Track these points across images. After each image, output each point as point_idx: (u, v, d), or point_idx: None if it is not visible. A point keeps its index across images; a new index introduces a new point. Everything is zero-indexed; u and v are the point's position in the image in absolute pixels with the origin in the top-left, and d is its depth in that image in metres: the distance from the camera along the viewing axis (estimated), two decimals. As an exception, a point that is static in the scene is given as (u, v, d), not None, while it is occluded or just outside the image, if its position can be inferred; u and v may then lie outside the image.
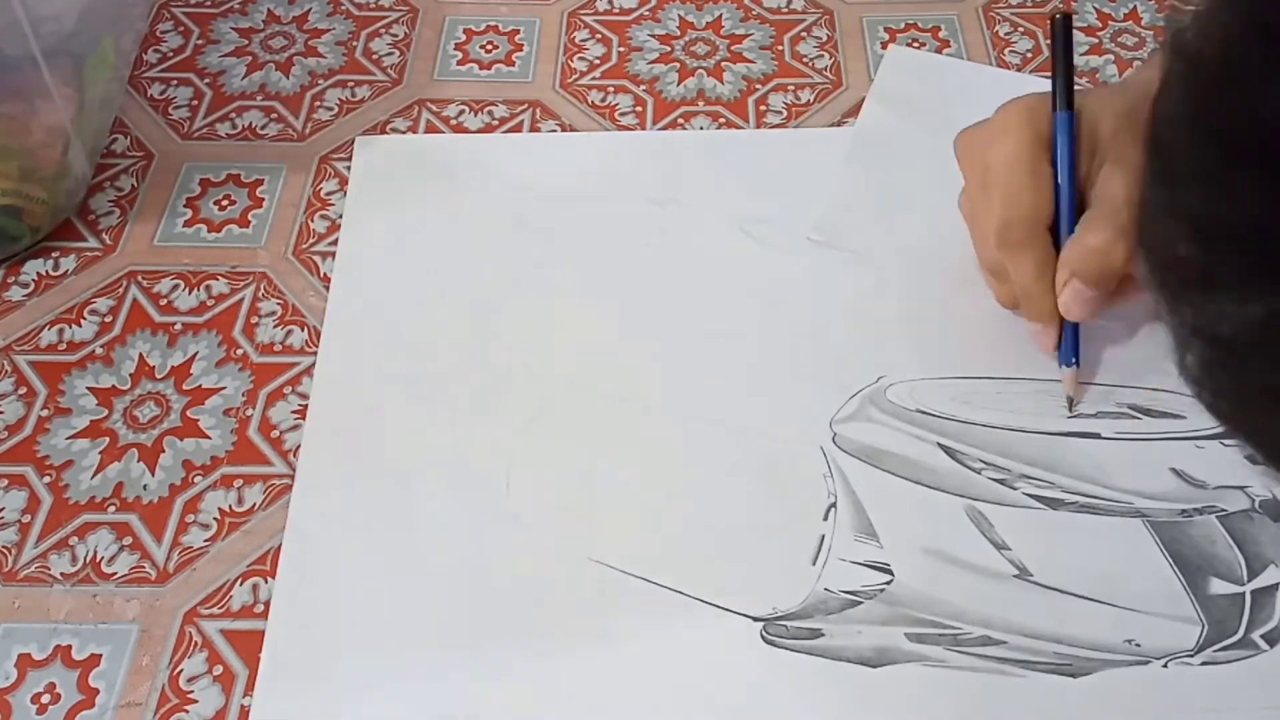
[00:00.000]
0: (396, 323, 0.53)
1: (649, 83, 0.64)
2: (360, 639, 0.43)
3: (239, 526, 0.47)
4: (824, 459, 0.48)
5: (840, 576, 0.45)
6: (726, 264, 0.55)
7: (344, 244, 0.56)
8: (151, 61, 0.66)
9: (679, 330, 0.53)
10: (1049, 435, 0.49)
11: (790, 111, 0.63)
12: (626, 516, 0.47)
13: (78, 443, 0.50)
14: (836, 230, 0.56)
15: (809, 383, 0.50)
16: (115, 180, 0.60)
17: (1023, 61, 0.65)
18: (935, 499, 0.47)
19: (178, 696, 0.43)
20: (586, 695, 0.42)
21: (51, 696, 0.43)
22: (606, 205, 0.58)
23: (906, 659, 0.43)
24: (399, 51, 0.66)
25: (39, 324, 0.54)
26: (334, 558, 0.45)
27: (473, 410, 0.50)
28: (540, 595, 0.44)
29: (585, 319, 0.53)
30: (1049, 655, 0.43)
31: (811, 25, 0.68)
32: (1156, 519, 0.46)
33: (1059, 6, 0.69)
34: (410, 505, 0.47)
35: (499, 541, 0.46)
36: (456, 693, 0.42)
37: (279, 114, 0.63)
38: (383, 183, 0.59)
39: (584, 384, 0.51)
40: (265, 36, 0.67)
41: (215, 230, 0.58)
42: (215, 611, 0.45)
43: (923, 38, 0.67)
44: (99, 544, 0.47)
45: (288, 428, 0.50)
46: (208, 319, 0.54)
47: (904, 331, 0.52)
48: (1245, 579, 0.44)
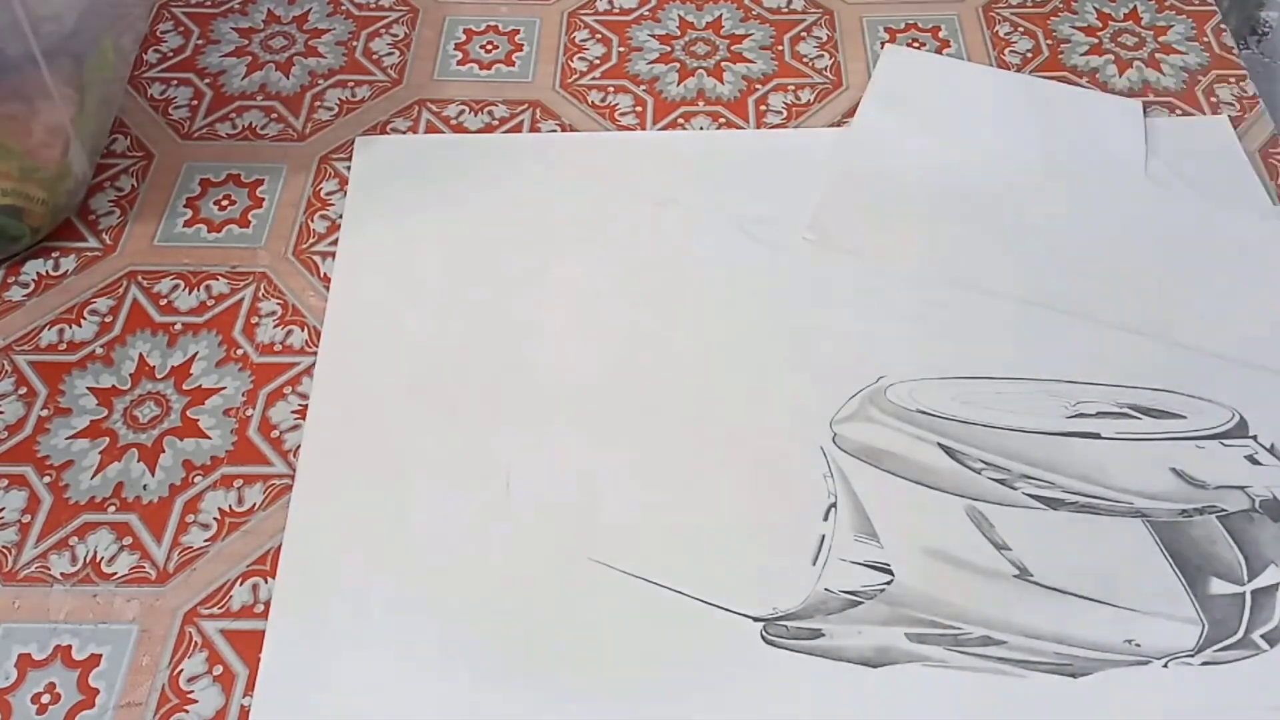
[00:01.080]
0: (396, 323, 0.53)
1: (649, 83, 0.64)
2: (360, 639, 0.43)
3: (239, 526, 0.47)
4: (824, 459, 0.48)
5: (841, 576, 0.45)
6: (726, 264, 0.55)
7: (344, 244, 0.56)
8: (151, 61, 0.66)
9: (679, 330, 0.53)
10: (1049, 435, 0.49)
11: (790, 111, 0.63)
12: (626, 516, 0.47)
13: (78, 443, 0.50)
14: (831, 230, 0.56)
15: (809, 383, 0.50)
16: (115, 180, 0.60)
17: (1023, 61, 0.65)
18: (935, 499, 0.47)
19: (178, 696, 0.43)
20: (587, 695, 0.42)
21: (51, 696, 0.43)
22: (606, 205, 0.58)
23: (907, 659, 0.43)
24: (399, 51, 0.66)
25: (39, 324, 0.54)
26: (334, 558, 0.45)
27: (473, 410, 0.50)
28: (540, 595, 0.44)
29: (585, 319, 0.53)
30: (1049, 655, 0.43)
31: (811, 25, 0.68)
32: (1157, 519, 0.46)
33: (1059, 7, 0.69)
34: (410, 505, 0.47)
35: (499, 542, 0.46)
36: (456, 692, 0.42)
37: (279, 114, 0.63)
38: (383, 183, 0.59)
39: (584, 384, 0.51)
40: (265, 36, 0.67)
41: (215, 230, 0.58)
42: (215, 611, 0.45)
43: (923, 38, 0.67)
44: (99, 544, 0.47)
45: (288, 428, 0.50)
46: (208, 319, 0.54)
47: (904, 331, 0.52)
48: (1245, 579, 0.44)
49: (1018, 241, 0.56)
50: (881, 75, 0.64)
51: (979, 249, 0.55)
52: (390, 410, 0.50)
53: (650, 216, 0.57)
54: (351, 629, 0.44)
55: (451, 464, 0.48)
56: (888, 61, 0.65)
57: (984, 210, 0.57)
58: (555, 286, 0.54)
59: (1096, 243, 0.56)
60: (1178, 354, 0.51)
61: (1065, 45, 0.66)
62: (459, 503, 0.47)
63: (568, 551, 0.45)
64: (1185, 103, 0.63)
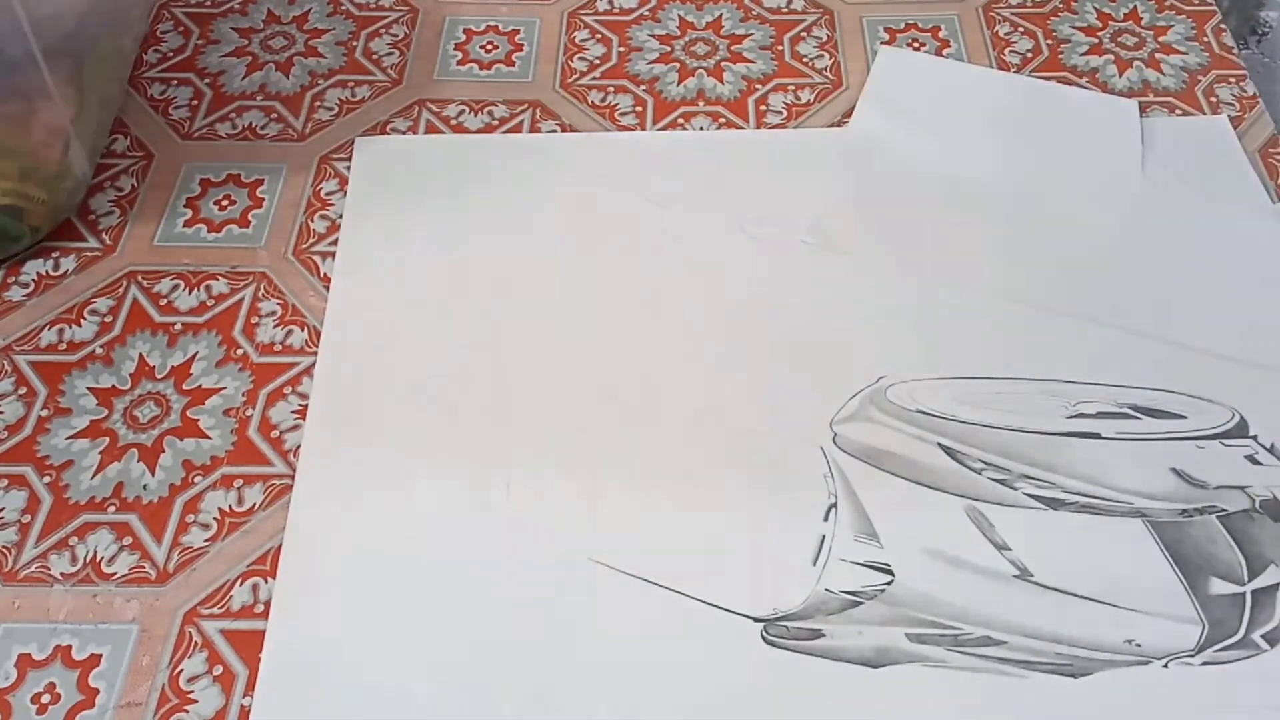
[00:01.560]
0: (396, 323, 0.53)
1: (649, 83, 0.64)
2: (360, 639, 0.43)
3: (239, 526, 0.47)
4: (824, 459, 0.48)
5: (841, 577, 0.45)
6: (726, 264, 0.55)
7: (344, 244, 0.56)
8: (151, 61, 0.66)
9: (679, 330, 0.53)
10: (1049, 435, 0.49)
11: (790, 111, 0.63)
12: (626, 516, 0.47)
13: (78, 443, 0.50)
14: (830, 233, 0.56)
15: (809, 383, 0.50)
16: (115, 180, 0.60)
17: (1022, 61, 0.65)
18: (936, 499, 0.47)
19: (178, 696, 0.43)
20: (587, 696, 0.42)
21: (51, 696, 0.43)
22: (606, 205, 0.58)
23: (907, 659, 0.43)
24: (399, 51, 0.66)
25: (39, 324, 0.54)
26: (334, 558, 0.45)
27: (473, 410, 0.50)
28: (540, 595, 0.44)
29: (585, 319, 0.53)
30: (1050, 656, 0.43)
31: (811, 25, 0.68)
32: (1157, 519, 0.46)
33: (1059, 7, 0.69)
34: (410, 505, 0.47)
35: (499, 542, 0.46)
36: (456, 692, 0.42)
37: (279, 114, 0.63)
38: (383, 183, 0.59)
39: (584, 384, 0.51)
40: (265, 36, 0.67)
41: (215, 230, 0.57)
42: (215, 611, 0.45)
43: (923, 38, 0.67)
44: (99, 544, 0.47)
45: (288, 428, 0.50)
46: (208, 319, 0.54)
47: (904, 332, 0.52)
48: (1246, 579, 0.44)
49: (1016, 242, 0.56)
50: (877, 77, 0.64)
51: (977, 250, 0.55)
52: (390, 410, 0.50)
53: (650, 216, 0.57)
54: (351, 629, 0.44)
55: (451, 464, 0.48)
56: (883, 63, 0.65)
57: (981, 211, 0.57)
58: (555, 286, 0.54)
59: (1094, 242, 0.56)
60: (1178, 354, 0.51)
61: (1065, 45, 0.66)
62: (459, 502, 0.47)
63: (568, 551, 0.45)
64: (1185, 103, 0.63)
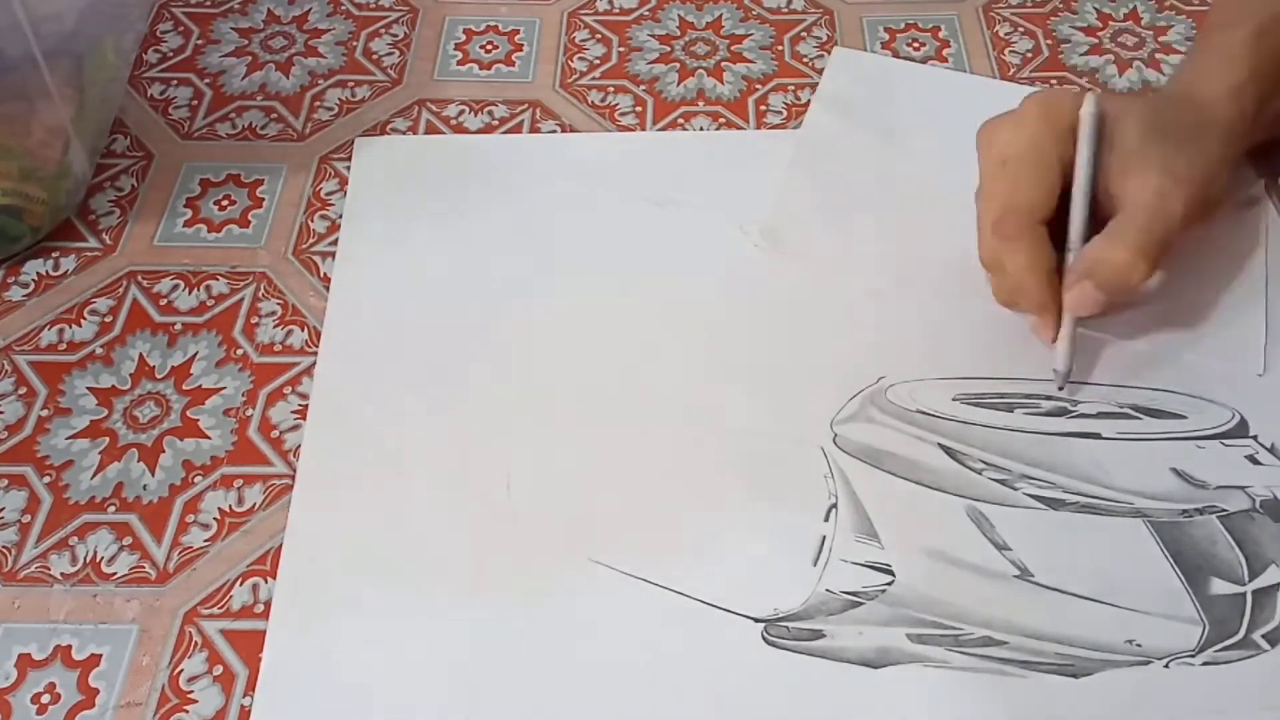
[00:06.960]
0: (396, 323, 0.53)
1: (649, 83, 0.64)
2: (360, 639, 0.43)
3: (239, 526, 0.47)
4: (824, 459, 0.48)
5: (841, 577, 0.45)
6: (726, 264, 0.55)
7: (344, 244, 0.56)
8: (151, 61, 0.66)
9: (679, 330, 0.53)
10: (1049, 435, 0.49)
11: (790, 111, 0.63)
12: (626, 517, 0.46)
13: (78, 443, 0.50)
14: (782, 235, 0.56)
15: (809, 383, 0.50)
16: (115, 180, 0.60)
17: (1022, 61, 0.65)
18: (936, 500, 0.47)
19: (178, 696, 0.43)
20: (587, 696, 0.42)
21: (51, 696, 0.43)
22: (606, 205, 0.58)
23: (908, 660, 0.43)
24: (399, 51, 0.66)
25: (39, 324, 0.54)
26: (334, 557, 0.45)
27: (473, 410, 0.50)
28: (540, 595, 0.44)
29: (585, 319, 0.53)
30: (1050, 656, 0.43)
31: (811, 25, 0.68)
32: (1157, 519, 0.46)
33: (1059, 7, 0.69)
34: (410, 505, 0.47)
35: (499, 541, 0.46)
36: (456, 693, 0.42)
37: (279, 114, 0.63)
38: (383, 183, 0.59)
39: (584, 384, 0.51)
40: (265, 36, 0.67)
41: (215, 230, 0.57)
42: (215, 611, 0.45)
43: (923, 38, 0.67)
44: (99, 544, 0.47)
45: (288, 428, 0.50)
46: (208, 319, 0.54)
47: (904, 331, 0.52)
48: (1246, 579, 0.44)
49: None
50: (829, 79, 0.64)
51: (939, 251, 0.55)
52: (390, 410, 0.50)
53: (650, 216, 0.57)
54: (351, 629, 0.44)
55: (451, 464, 0.48)
56: (836, 65, 0.64)
57: (939, 212, 0.56)
58: (555, 286, 0.54)
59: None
60: (1178, 354, 0.51)
61: (1065, 45, 0.66)
62: (459, 502, 0.47)
63: (568, 551, 0.45)
64: (1185, 103, 0.63)
